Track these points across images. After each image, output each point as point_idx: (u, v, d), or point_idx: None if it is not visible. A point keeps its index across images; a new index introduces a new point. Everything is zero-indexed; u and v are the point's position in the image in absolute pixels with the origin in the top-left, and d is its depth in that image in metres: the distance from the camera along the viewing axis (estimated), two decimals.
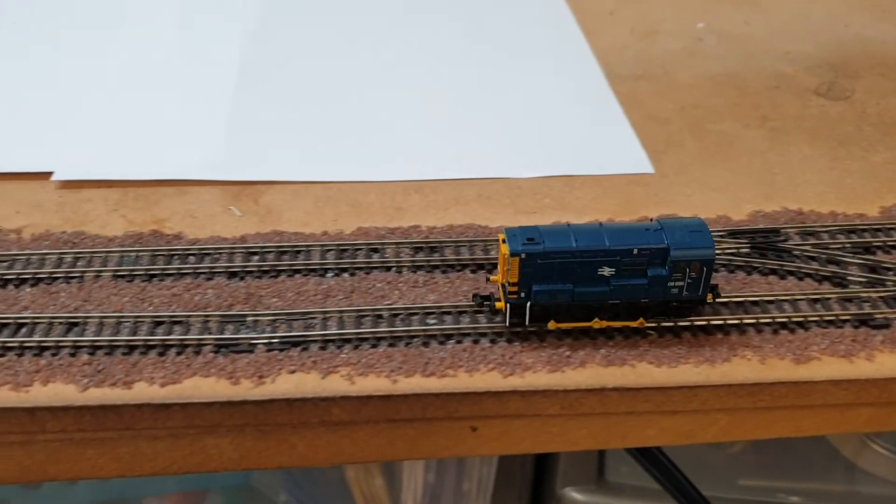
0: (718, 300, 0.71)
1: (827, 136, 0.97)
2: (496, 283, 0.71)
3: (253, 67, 1.05)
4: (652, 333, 0.70)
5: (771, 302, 0.74)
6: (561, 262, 0.67)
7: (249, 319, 0.70)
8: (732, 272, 0.77)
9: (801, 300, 0.73)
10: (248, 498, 1.34)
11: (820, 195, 0.87)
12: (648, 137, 0.96)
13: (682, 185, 0.89)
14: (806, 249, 0.78)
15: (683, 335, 0.70)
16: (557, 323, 0.69)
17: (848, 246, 0.79)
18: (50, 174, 0.86)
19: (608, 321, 0.69)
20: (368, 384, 0.66)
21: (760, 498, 1.37)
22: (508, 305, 0.68)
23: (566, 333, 0.69)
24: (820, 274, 0.76)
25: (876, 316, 0.72)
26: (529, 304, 0.68)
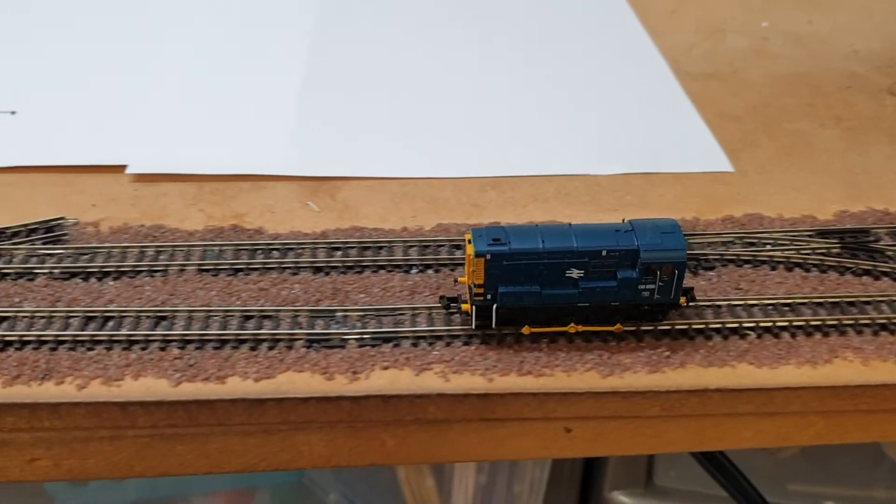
0: (692, 303, 0.68)
1: None
2: (464, 284, 0.68)
3: (318, 62, 1.04)
4: (750, 334, 0.68)
5: (868, 303, 0.72)
6: (527, 263, 0.64)
7: (339, 315, 0.69)
8: (825, 272, 0.75)
9: None
10: (297, 496, 1.33)
11: None
12: (723, 136, 0.95)
13: (762, 184, 0.87)
14: None
15: (782, 335, 0.69)
16: (531, 328, 0.66)
17: None
18: (124, 167, 0.85)
19: (582, 325, 0.67)
20: (463, 382, 0.64)
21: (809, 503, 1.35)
22: (474, 308, 0.66)
23: (665, 333, 0.67)
24: None
25: None
26: (496, 306, 0.66)
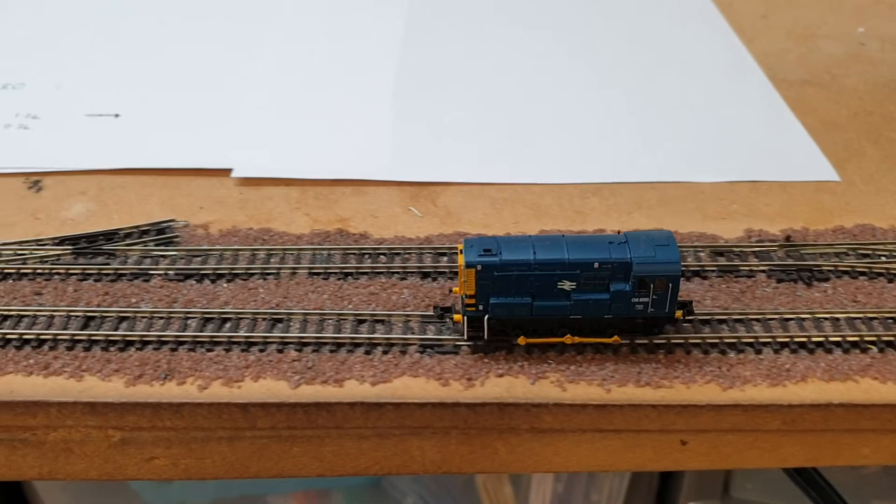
0: (690, 317, 0.66)
1: None
2: (459, 294, 0.67)
3: (409, 67, 1.05)
4: (871, 348, 0.67)
5: None
6: (518, 274, 0.63)
7: (450, 321, 0.69)
8: None
9: None
10: (371, 499, 1.33)
11: None
12: (826, 144, 0.92)
13: (871, 194, 0.85)
14: None
15: None
16: (527, 338, 0.65)
17: None
18: (229, 171, 0.87)
19: (579, 337, 0.65)
20: (580, 392, 0.64)
21: None
22: (466, 318, 0.65)
23: (783, 346, 0.65)
24: None
25: None
26: (487, 317, 0.65)
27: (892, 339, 0.67)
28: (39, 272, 0.73)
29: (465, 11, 1.19)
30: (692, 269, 0.74)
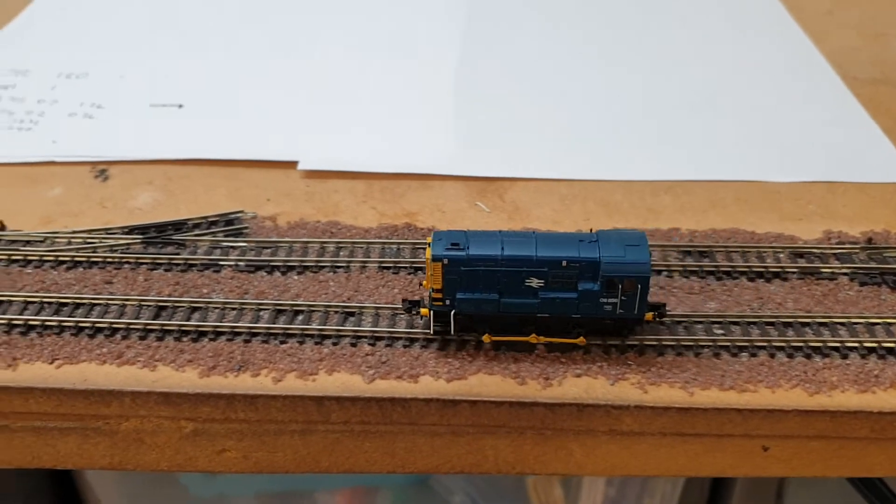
0: (662, 319, 0.65)
1: None
2: (427, 288, 0.66)
3: (470, 62, 1.03)
4: None
5: None
6: (485, 270, 0.62)
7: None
8: None
9: None
10: (419, 497, 1.32)
11: None
12: None
13: None
14: None
15: None
16: (492, 336, 0.64)
17: None
18: (295, 163, 0.86)
19: (544, 336, 0.64)
20: (662, 394, 0.62)
21: None
22: (432, 313, 0.64)
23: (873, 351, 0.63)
24: None
25: None
26: (454, 312, 0.63)
27: None
28: (109, 261, 0.73)
29: (527, 3, 1.18)
30: (772, 270, 0.72)
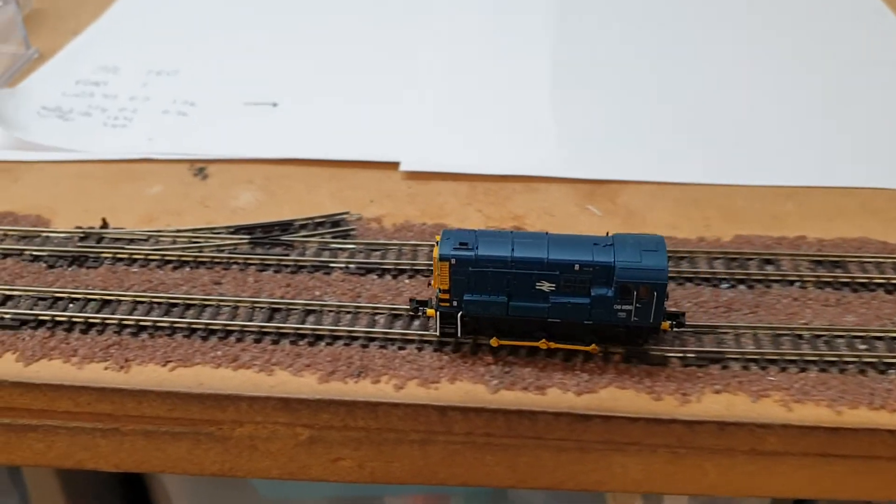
0: (679, 329, 0.61)
1: None
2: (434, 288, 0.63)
3: (565, 60, 1.00)
4: None
5: None
6: (494, 271, 0.59)
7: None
8: None
9: None
10: None
11: None
12: None
13: None
14: None
15: None
16: (500, 340, 0.61)
17: None
18: (397, 164, 0.84)
19: (554, 342, 0.61)
20: (808, 413, 0.58)
21: None
22: (439, 314, 0.61)
23: None
24: None
25: None
26: (460, 314, 0.61)
27: None
28: (217, 261, 0.71)
29: (609, 5, 1.14)
30: (893, 282, 0.68)
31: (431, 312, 0.63)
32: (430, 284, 0.67)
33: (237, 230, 0.74)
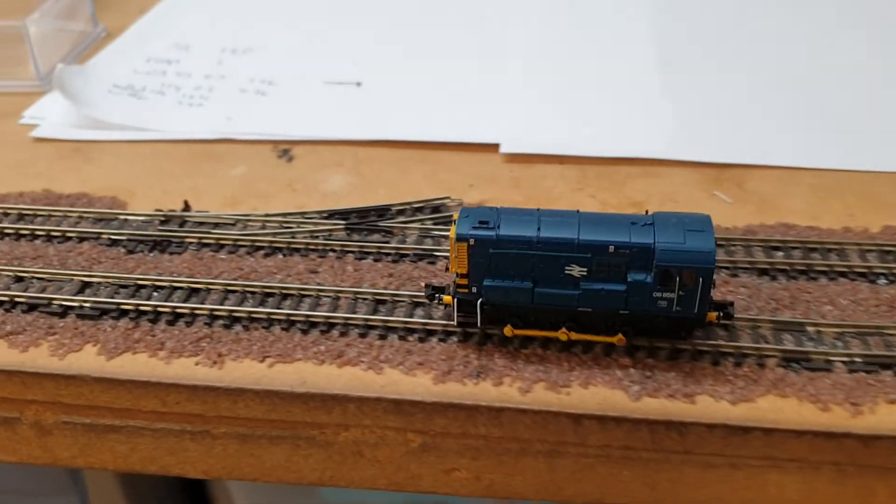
0: (727, 321, 0.54)
1: None
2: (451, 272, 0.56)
3: (670, 40, 0.92)
4: None
5: None
6: (518, 253, 0.52)
7: (810, 329, 0.56)
8: None
9: None
10: None
11: None
12: None
13: None
14: None
15: None
16: (515, 329, 0.54)
17: None
18: (496, 146, 0.77)
19: (576, 332, 0.53)
20: None
21: None
22: (456, 301, 0.54)
23: None
24: None
25: None
26: (480, 301, 0.53)
27: None
28: (312, 248, 0.64)
29: None
30: None
31: (448, 300, 0.56)
32: (446, 269, 0.58)
33: (330, 215, 0.68)
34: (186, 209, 0.69)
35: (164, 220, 0.68)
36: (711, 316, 0.54)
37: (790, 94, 0.82)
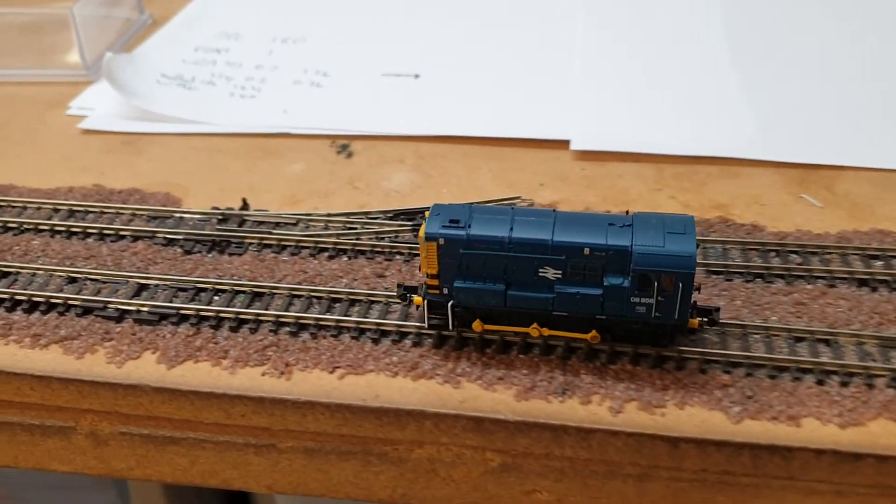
0: (712, 326, 0.51)
1: None
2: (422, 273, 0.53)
3: (742, 32, 0.88)
4: None
5: None
6: (490, 254, 0.49)
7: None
8: None
9: None
10: None
11: None
12: None
13: None
14: None
15: None
16: (484, 324, 0.51)
17: None
18: (566, 143, 0.73)
19: (549, 329, 0.51)
20: None
21: None
22: (427, 302, 0.51)
23: None
24: None
25: None
26: (451, 304, 0.50)
27: None
28: (378, 250, 0.61)
29: None
30: None
31: (419, 301, 0.53)
32: (420, 268, 0.55)
33: (396, 215, 0.65)
34: (245, 207, 0.66)
35: (221, 218, 0.65)
36: (693, 323, 0.51)
37: (879, 90, 0.78)
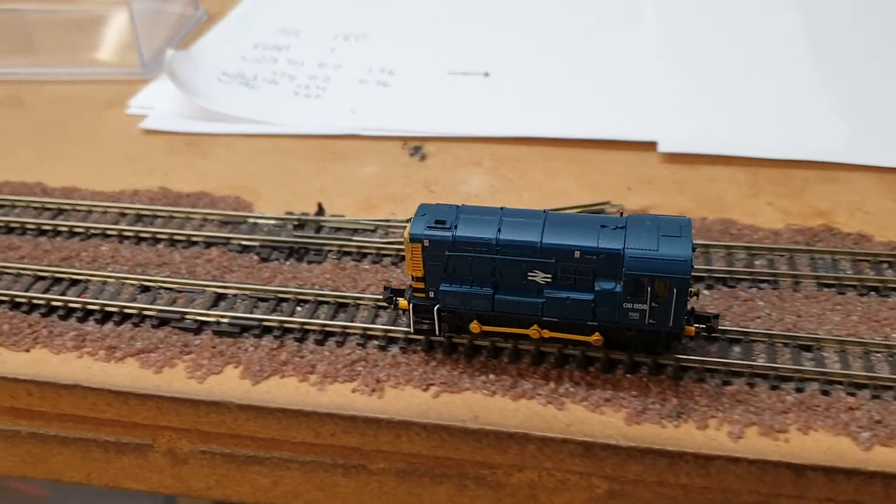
0: (711, 334, 0.49)
1: None
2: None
3: (822, 32, 0.84)
4: None
5: None
6: (476, 256, 0.47)
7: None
8: None
9: None
10: None
11: None
12: None
13: None
14: None
15: None
16: (482, 325, 0.49)
17: None
18: (653, 144, 0.70)
19: (550, 330, 0.48)
20: None
21: None
22: (412, 306, 0.49)
23: None
24: None
25: None
26: (437, 307, 0.48)
27: None
28: None
29: None
30: None
31: (404, 304, 0.51)
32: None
33: None
34: (320, 213, 0.63)
35: (298, 224, 0.62)
36: (690, 330, 0.48)
37: None
